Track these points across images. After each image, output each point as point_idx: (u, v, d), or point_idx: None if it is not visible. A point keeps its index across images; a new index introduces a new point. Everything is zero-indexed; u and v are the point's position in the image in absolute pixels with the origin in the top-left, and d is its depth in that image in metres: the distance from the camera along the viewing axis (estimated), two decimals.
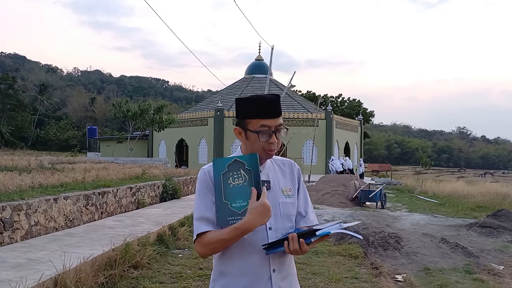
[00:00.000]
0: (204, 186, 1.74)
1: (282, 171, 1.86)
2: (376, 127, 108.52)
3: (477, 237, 9.06)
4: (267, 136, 1.71)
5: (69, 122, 63.40)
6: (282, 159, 1.91)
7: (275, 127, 1.72)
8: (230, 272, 1.73)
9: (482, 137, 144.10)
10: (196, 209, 1.74)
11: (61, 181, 9.52)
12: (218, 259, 1.78)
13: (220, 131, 32.45)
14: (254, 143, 1.73)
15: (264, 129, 1.71)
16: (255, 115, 1.71)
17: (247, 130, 1.74)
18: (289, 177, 1.87)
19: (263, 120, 1.71)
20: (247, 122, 1.73)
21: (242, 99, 1.76)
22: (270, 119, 1.71)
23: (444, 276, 5.90)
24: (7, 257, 5.04)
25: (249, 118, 1.73)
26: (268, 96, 1.74)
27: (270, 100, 1.72)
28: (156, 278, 5.31)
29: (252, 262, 1.71)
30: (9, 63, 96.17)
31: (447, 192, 18.69)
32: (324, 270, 5.91)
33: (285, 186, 1.83)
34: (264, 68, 38.09)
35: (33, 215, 6.59)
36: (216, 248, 1.69)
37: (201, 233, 1.68)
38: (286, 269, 1.78)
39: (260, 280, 1.71)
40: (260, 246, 1.70)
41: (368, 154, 71.89)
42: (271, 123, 1.71)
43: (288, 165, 1.89)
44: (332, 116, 34.54)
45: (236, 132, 1.80)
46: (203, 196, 1.74)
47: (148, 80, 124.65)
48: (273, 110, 1.72)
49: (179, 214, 9.25)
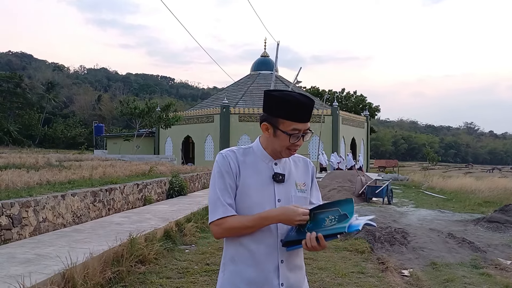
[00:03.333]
0: (223, 170, 1.76)
1: (297, 166, 1.89)
2: (382, 123, 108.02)
3: (484, 232, 9.03)
4: (297, 138, 1.75)
5: (76, 120, 63.74)
6: (297, 156, 1.93)
7: (304, 130, 1.75)
8: (240, 260, 1.75)
9: (489, 132, 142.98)
10: (213, 191, 1.75)
11: (68, 178, 9.59)
12: (229, 244, 1.80)
13: (226, 128, 32.46)
14: (281, 142, 1.75)
15: (296, 133, 1.73)
16: (291, 117, 1.72)
17: (277, 129, 1.74)
18: (304, 173, 1.90)
19: (296, 123, 1.73)
20: (279, 122, 1.74)
21: (278, 97, 1.73)
22: (303, 123, 1.74)
23: (451, 271, 5.88)
24: (16, 253, 5.10)
25: (283, 118, 1.73)
26: (305, 100, 1.73)
27: (307, 105, 1.73)
28: (163, 274, 5.34)
29: (261, 252, 1.73)
30: (16, 61, 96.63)
31: (454, 187, 18.59)
32: (330, 265, 5.92)
33: (299, 180, 1.85)
34: (270, 64, 38.01)
35: (41, 212, 6.65)
36: (236, 233, 1.73)
37: (222, 217, 1.70)
38: (294, 261, 1.80)
39: (268, 270, 1.73)
40: (269, 237, 1.73)
41: (375, 150, 71.67)
42: (302, 127, 1.74)
43: (303, 161, 1.93)
44: (338, 112, 34.44)
45: (263, 128, 1.79)
46: (221, 179, 1.75)
47: (154, 77, 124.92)
48: (308, 115, 1.75)
49: (186, 210, 9.29)
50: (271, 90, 1.78)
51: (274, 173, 1.78)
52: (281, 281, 1.73)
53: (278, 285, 1.73)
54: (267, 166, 1.80)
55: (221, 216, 1.70)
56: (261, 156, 1.81)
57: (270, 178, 1.78)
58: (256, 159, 1.80)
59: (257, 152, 1.82)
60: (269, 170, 1.79)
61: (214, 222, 1.72)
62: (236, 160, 1.78)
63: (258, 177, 1.77)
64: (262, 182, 1.77)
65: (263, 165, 1.79)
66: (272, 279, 1.73)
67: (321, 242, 1.62)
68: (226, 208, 1.71)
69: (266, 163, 1.80)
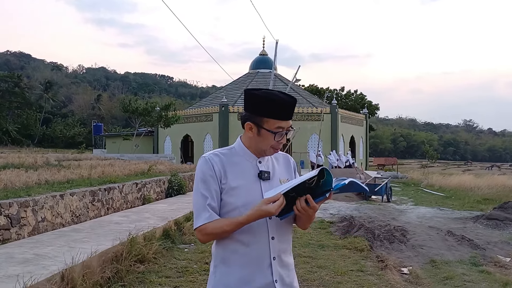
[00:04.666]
0: (206, 174, 1.76)
1: (279, 163, 1.92)
2: (381, 121, 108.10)
3: (484, 229, 9.03)
4: (281, 136, 1.77)
5: (75, 120, 63.61)
6: (277, 153, 1.93)
7: (287, 128, 1.77)
8: (231, 260, 1.75)
9: (488, 129, 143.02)
10: (197, 197, 1.76)
11: (67, 177, 9.57)
12: (219, 246, 1.79)
13: (225, 127, 32.44)
14: (266, 141, 1.77)
15: (280, 131, 1.75)
16: (275, 116, 1.73)
17: (262, 128, 1.75)
18: (286, 169, 1.92)
19: (280, 121, 1.74)
20: (263, 121, 1.75)
21: (262, 97, 1.73)
22: (286, 121, 1.76)
23: (450, 268, 5.89)
24: (15, 253, 5.08)
25: (267, 117, 1.74)
26: (287, 98, 1.75)
27: (291, 104, 1.75)
28: (163, 273, 5.34)
29: (253, 251, 1.73)
30: (15, 61, 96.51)
31: (454, 185, 18.62)
32: (329, 264, 5.92)
33: (283, 177, 1.87)
34: (269, 62, 37.96)
35: (40, 211, 6.64)
36: (217, 237, 1.76)
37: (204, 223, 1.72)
38: (286, 258, 1.82)
39: (261, 267, 1.74)
40: (260, 235, 1.74)
41: (374, 148, 71.70)
42: (286, 125, 1.76)
43: (283, 157, 1.96)
44: (337, 110, 34.42)
45: (247, 127, 1.80)
46: (204, 184, 1.75)
47: (152, 76, 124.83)
48: (290, 113, 1.77)
49: (185, 209, 9.28)
50: (251, 89, 1.79)
51: (259, 171, 1.79)
52: (274, 278, 1.74)
53: (272, 282, 1.74)
54: (252, 165, 1.80)
55: (203, 222, 1.72)
56: (244, 155, 1.81)
57: (256, 177, 1.79)
58: (241, 159, 1.81)
59: (240, 152, 1.82)
60: (254, 169, 1.80)
61: (198, 228, 1.74)
62: (220, 163, 1.77)
63: (244, 176, 1.77)
64: (249, 181, 1.77)
65: (248, 165, 1.80)
66: (265, 277, 1.73)
67: (311, 204, 1.64)
68: (210, 214, 1.72)
69: (250, 162, 1.81)
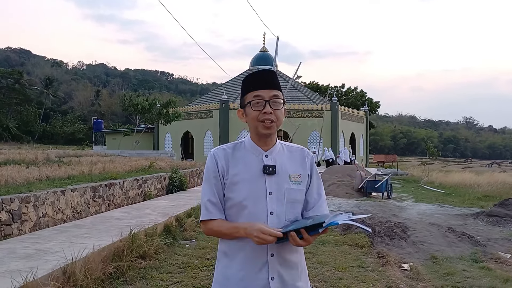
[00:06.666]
0: (211, 171, 1.80)
1: (292, 157, 1.84)
2: (381, 118, 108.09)
3: (484, 226, 9.04)
4: (261, 106, 1.73)
5: (75, 116, 63.58)
6: (293, 145, 1.90)
7: (269, 97, 1.73)
8: (231, 254, 1.77)
9: (488, 127, 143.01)
10: (203, 192, 1.81)
11: (68, 173, 9.58)
12: (221, 239, 1.83)
13: (225, 123, 32.44)
14: (251, 117, 1.75)
15: (258, 99, 1.73)
16: (250, 88, 1.76)
17: (245, 107, 1.77)
18: (300, 164, 1.84)
19: (256, 91, 1.74)
20: (244, 99, 1.78)
21: (243, 80, 1.81)
22: (263, 90, 1.74)
23: (451, 264, 5.90)
24: (16, 248, 5.10)
25: (245, 93, 1.78)
26: (262, 70, 1.80)
27: (262, 72, 1.78)
28: (164, 268, 5.35)
29: (251, 246, 1.69)
30: (15, 58, 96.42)
31: (454, 182, 18.62)
32: (330, 259, 5.93)
33: (294, 172, 1.80)
34: (269, 59, 37.94)
35: (41, 207, 6.65)
36: (217, 236, 1.81)
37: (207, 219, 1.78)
38: (287, 256, 1.74)
39: (257, 264, 1.71)
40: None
41: (374, 145, 71.67)
42: (264, 94, 1.73)
43: (299, 151, 1.87)
44: (337, 107, 34.39)
45: (239, 114, 1.82)
46: (208, 181, 1.80)
47: (152, 73, 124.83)
48: (265, 80, 1.75)
49: (186, 205, 9.29)
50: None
51: (264, 165, 1.76)
52: (270, 275, 1.70)
53: (267, 278, 1.70)
54: (257, 159, 1.78)
55: (205, 218, 1.77)
56: (251, 149, 1.80)
57: (260, 171, 1.75)
58: (246, 153, 1.79)
59: (247, 146, 1.81)
60: (259, 163, 1.77)
61: (202, 222, 1.80)
62: (224, 158, 1.78)
63: (248, 171, 1.76)
64: (253, 176, 1.75)
65: (253, 158, 1.78)
66: (261, 273, 1.70)
67: (304, 236, 1.60)
68: (210, 212, 1.77)
69: (256, 156, 1.78)
